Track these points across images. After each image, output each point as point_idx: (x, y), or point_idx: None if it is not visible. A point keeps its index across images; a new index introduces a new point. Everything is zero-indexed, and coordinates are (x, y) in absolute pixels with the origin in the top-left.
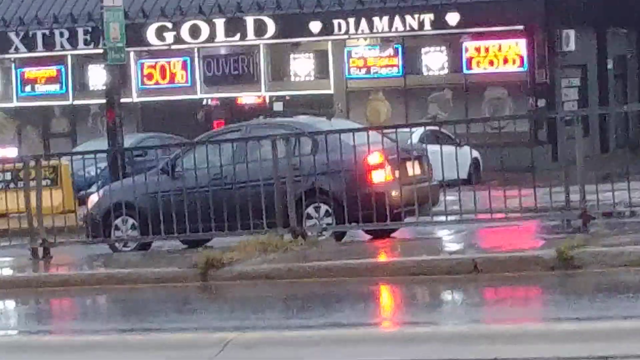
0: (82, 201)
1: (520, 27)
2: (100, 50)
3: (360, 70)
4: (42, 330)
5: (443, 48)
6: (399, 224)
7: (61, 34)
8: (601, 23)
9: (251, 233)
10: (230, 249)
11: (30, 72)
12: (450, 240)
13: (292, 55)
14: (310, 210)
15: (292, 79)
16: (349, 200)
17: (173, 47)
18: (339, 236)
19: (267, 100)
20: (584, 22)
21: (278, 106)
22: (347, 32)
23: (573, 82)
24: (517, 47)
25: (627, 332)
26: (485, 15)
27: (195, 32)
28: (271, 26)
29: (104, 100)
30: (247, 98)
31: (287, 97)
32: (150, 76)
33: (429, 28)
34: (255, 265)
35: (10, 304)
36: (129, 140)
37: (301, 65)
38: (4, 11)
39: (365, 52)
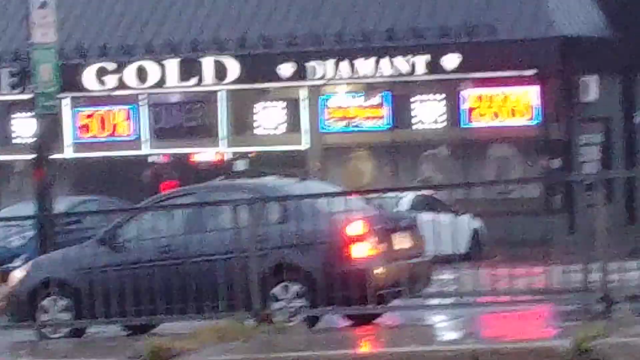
0: (4, 277)
1: (532, 72)
2: (28, 96)
3: (339, 123)
4: None
5: (439, 96)
6: (384, 307)
7: None
8: (628, 69)
9: (206, 318)
10: (181, 337)
11: None
12: (445, 328)
13: (258, 104)
14: (278, 290)
15: (258, 132)
16: (325, 278)
17: (115, 92)
18: (312, 322)
19: (227, 158)
20: (608, 67)
21: (240, 165)
22: (323, 77)
23: (594, 139)
24: (528, 96)
25: None
26: (489, 57)
27: (142, 75)
28: (233, 69)
29: (31, 156)
30: (203, 155)
31: (252, 154)
32: (87, 127)
33: (423, 72)
34: (211, 356)
35: None
36: (62, 204)
37: (269, 116)
38: None
39: (346, 100)
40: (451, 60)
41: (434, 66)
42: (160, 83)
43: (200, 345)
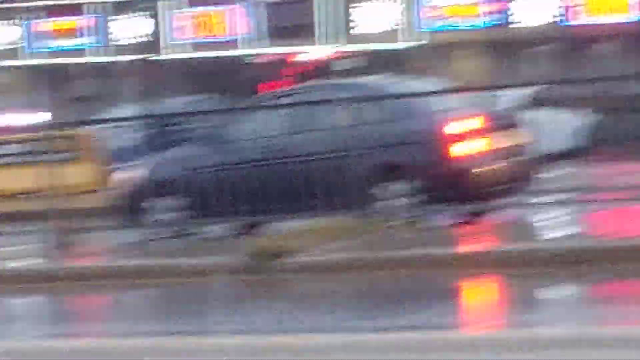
0: (114, 178)
1: None
2: None
3: (438, 21)
4: (62, 334)
5: None
6: (486, 206)
7: None
8: None
9: (315, 217)
10: (289, 236)
11: (45, 24)
12: (550, 226)
13: (356, 3)
14: (381, 189)
15: (357, 30)
16: (427, 177)
17: None
18: (417, 220)
19: (328, 57)
20: None
21: (341, 64)
22: None
23: None
24: None
25: None
26: None
27: None
28: None
29: (135, 58)
30: (303, 54)
31: (352, 53)
32: (184, 29)
33: None
34: (319, 255)
35: (25, 301)
36: (165, 105)
37: (368, 15)
38: None
39: None
40: None
41: None
42: None
43: (306, 244)
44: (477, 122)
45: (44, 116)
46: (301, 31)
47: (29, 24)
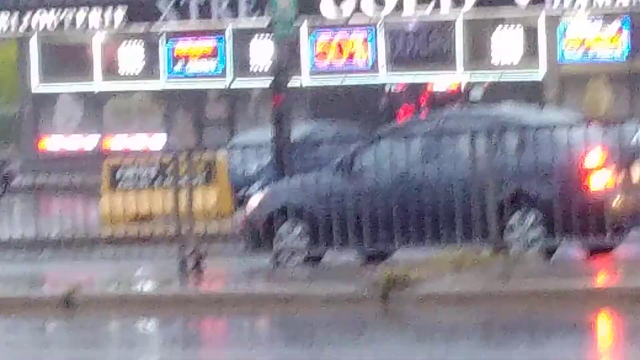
0: (241, 203)
1: None
2: (266, 23)
3: (576, 51)
4: (190, 358)
5: None
6: (622, 239)
7: (219, 3)
8: None
9: (442, 246)
10: (416, 266)
11: (182, 47)
12: None
13: (494, 32)
14: (514, 220)
15: (494, 60)
16: (562, 209)
17: (353, 18)
18: (549, 252)
19: (464, 86)
20: None
21: (477, 93)
22: (561, 5)
23: None
24: None
25: None
26: None
27: (379, 1)
28: None
29: (268, 82)
30: (439, 83)
31: (488, 82)
32: (324, 54)
33: None
34: (446, 285)
35: (154, 325)
36: (298, 131)
37: (506, 44)
38: None
39: (584, 29)
40: None
41: None
42: (398, 9)
43: (435, 274)
44: (612, 155)
45: (178, 139)
46: (440, 58)
47: (169, 47)
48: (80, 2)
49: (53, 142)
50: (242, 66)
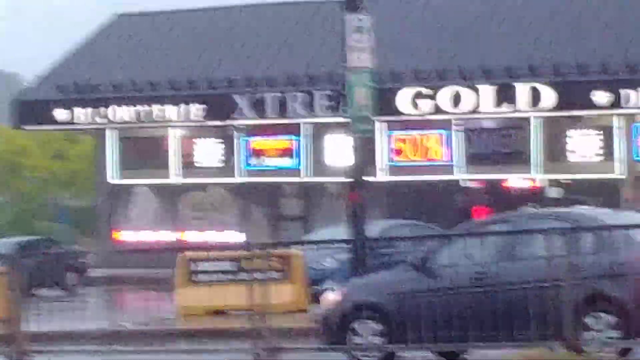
0: (316, 298)
1: None
2: (342, 120)
3: None
4: None
5: None
6: None
7: (295, 98)
8: None
9: (517, 345)
10: None
11: (259, 142)
12: None
13: (571, 131)
14: (590, 319)
15: (571, 159)
16: (638, 309)
17: (429, 117)
18: (624, 353)
19: (540, 185)
20: None
21: (552, 192)
22: (637, 104)
23: None
24: None
25: None
26: None
27: (456, 99)
28: (547, 95)
29: (344, 179)
30: (515, 181)
31: (564, 182)
32: (400, 151)
33: None
34: None
35: None
36: (373, 228)
37: (582, 144)
38: (229, 69)
39: None
40: None
41: None
42: (475, 108)
43: None
44: None
45: (254, 234)
46: (516, 157)
47: (246, 141)
48: (157, 97)
49: (128, 234)
50: (318, 162)
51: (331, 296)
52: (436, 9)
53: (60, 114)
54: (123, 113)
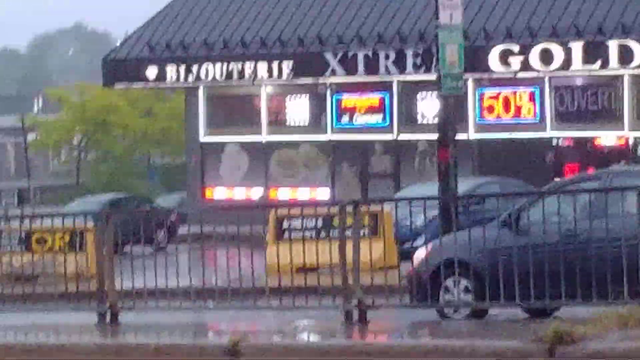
0: (406, 256)
1: None
2: (433, 77)
3: None
4: None
5: None
6: None
7: (387, 56)
8: None
9: (609, 303)
10: (582, 322)
11: (349, 99)
12: None
13: None
14: None
15: None
16: None
17: (519, 74)
18: None
19: (632, 142)
20: None
21: None
22: None
23: None
24: None
25: None
26: None
27: (546, 57)
28: (639, 53)
29: (435, 136)
30: (607, 138)
31: None
32: (491, 109)
33: None
34: (613, 342)
35: None
36: (463, 185)
37: None
38: (320, 28)
39: None
40: None
41: None
42: (565, 65)
43: (602, 331)
44: None
45: (344, 191)
46: (608, 114)
47: (336, 99)
48: (248, 55)
49: (219, 192)
50: (408, 119)
51: (422, 253)
52: None
53: (151, 72)
54: (214, 71)
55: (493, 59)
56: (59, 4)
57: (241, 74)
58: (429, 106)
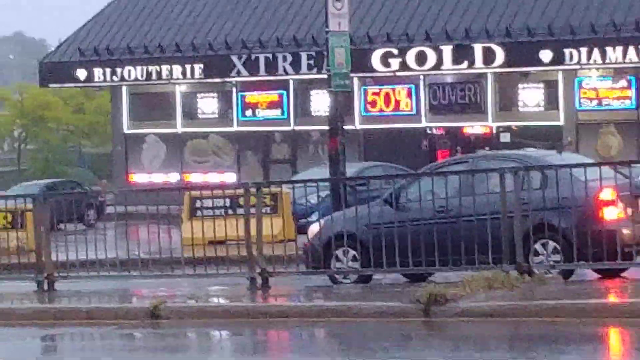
0: (302, 230)
1: None
2: (324, 76)
3: (591, 102)
4: None
5: None
6: (631, 263)
7: (284, 58)
8: None
9: (476, 269)
10: (453, 285)
11: (252, 96)
12: None
13: (520, 85)
14: (538, 246)
15: (520, 109)
16: (579, 237)
17: (398, 73)
18: (567, 274)
19: (494, 131)
20: None
21: (505, 137)
22: (578, 62)
23: None
24: None
25: None
26: None
27: (421, 58)
28: (500, 54)
29: (326, 127)
30: (473, 128)
31: (515, 128)
32: (374, 103)
33: None
34: (479, 302)
35: (226, 334)
36: (351, 169)
37: (530, 96)
38: (226, 33)
39: (597, 83)
40: None
41: None
42: (437, 66)
43: (470, 292)
44: (622, 191)
45: (248, 175)
46: (474, 107)
47: (241, 96)
48: (164, 58)
49: (141, 177)
50: (303, 113)
51: (315, 228)
52: None
53: (81, 73)
54: (135, 72)
55: (375, 60)
56: (1, 15)
57: (159, 74)
58: (320, 101)
